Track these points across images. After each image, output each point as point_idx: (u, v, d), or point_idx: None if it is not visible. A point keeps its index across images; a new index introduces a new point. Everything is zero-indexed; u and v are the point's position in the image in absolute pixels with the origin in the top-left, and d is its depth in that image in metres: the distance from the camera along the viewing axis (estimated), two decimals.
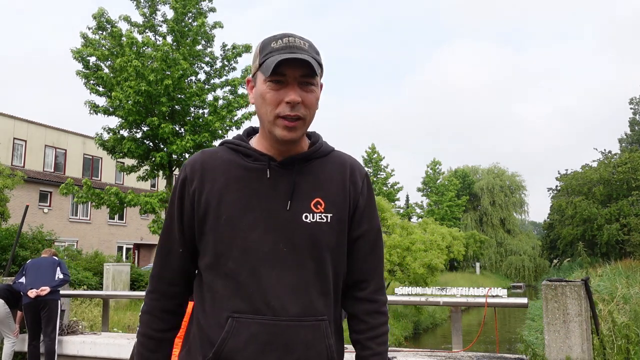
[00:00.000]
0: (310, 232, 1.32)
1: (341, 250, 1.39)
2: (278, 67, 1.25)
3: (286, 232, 1.31)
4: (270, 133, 1.32)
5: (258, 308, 1.27)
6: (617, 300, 8.52)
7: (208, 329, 1.31)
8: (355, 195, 1.42)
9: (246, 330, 1.26)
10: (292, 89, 1.28)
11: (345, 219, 1.39)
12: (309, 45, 1.33)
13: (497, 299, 5.37)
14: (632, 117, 47.73)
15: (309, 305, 1.30)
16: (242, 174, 1.35)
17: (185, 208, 1.38)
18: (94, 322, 8.69)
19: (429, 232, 21.13)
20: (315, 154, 1.40)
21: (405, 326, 15.92)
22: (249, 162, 1.36)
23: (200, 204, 1.34)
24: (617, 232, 30.28)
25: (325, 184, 1.38)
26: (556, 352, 4.57)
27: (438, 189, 43.93)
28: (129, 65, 12.70)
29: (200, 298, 1.37)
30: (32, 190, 23.80)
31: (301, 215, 1.33)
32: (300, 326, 1.28)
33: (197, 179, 1.36)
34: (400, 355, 5.01)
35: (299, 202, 1.33)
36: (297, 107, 1.29)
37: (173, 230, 1.40)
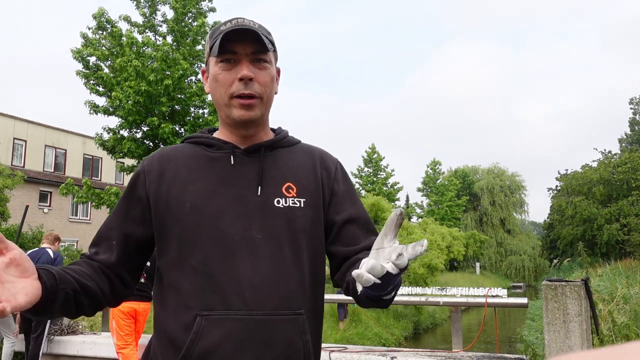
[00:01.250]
0: (284, 217, 1.23)
1: (317, 239, 1.29)
2: (226, 42, 1.21)
3: (258, 217, 1.22)
4: (228, 117, 1.27)
5: (231, 303, 1.15)
6: (617, 301, 8.52)
7: (172, 333, 1.18)
8: (329, 181, 1.34)
9: (219, 329, 1.14)
10: (243, 65, 1.23)
11: (320, 205, 1.30)
12: (259, 25, 1.28)
13: (497, 299, 5.37)
14: (632, 117, 47.75)
15: (287, 297, 1.19)
16: (206, 163, 1.28)
17: (140, 201, 1.27)
18: (94, 322, 8.69)
19: (429, 232, 21.14)
20: (280, 143, 1.34)
21: (405, 326, 15.92)
22: (212, 152, 1.30)
23: (160, 197, 1.24)
24: (617, 232, 30.29)
25: (295, 170, 1.31)
26: (556, 352, 4.57)
27: (438, 189, 43.95)
28: (129, 65, 12.71)
29: (162, 302, 1.24)
30: (32, 190, 23.81)
31: (273, 200, 1.24)
32: (279, 320, 1.17)
33: (156, 171, 1.28)
34: (400, 355, 5.01)
35: (269, 187, 1.26)
36: (251, 84, 1.23)
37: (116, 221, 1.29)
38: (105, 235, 1.29)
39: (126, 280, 1.28)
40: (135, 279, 1.31)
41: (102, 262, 1.25)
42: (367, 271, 0.93)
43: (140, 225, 1.27)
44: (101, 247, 1.28)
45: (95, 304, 1.19)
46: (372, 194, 26.65)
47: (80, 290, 1.14)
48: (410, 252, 0.93)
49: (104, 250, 1.27)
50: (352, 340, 11.48)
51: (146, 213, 1.26)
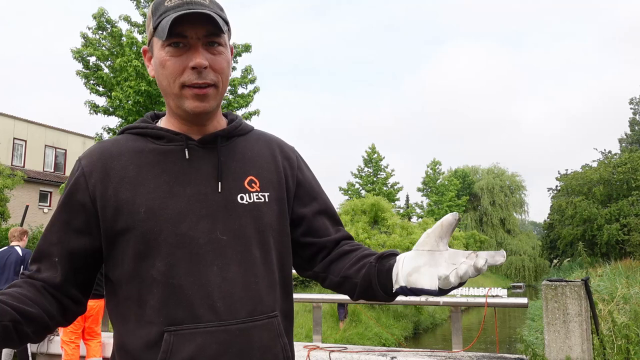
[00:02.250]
0: (250, 214, 1.13)
1: (284, 234, 1.20)
2: (174, 26, 1.04)
3: (222, 217, 1.10)
4: (179, 108, 1.12)
5: (201, 314, 1.04)
6: (617, 300, 8.52)
7: (136, 353, 1.05)
8: (292, 171, 1.26)
9: (190, 345, 1.03)
10: (196, 51, 1.08)
11: (284, 198, 1.21)
12: (209, 1, 1.12)
13: (497, 299, 5.37)
14: (632, 117, 47.76)
15: (260, 301, 1.10)
16: (156, 158, 1.12)
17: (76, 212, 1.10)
18: None
19: None
20: (236, 131, 1.21)
21: (405, 326, 15.92)
22: (162, 145, 1.14)
23: (107, 202, 1.08)
24: (617, 232, 30.28)
25: (256, 161, 1.20)
26: (556, 352, 4.57)
27: (438, 189, 43.94)
28: (129, 65, 12.71)
29: (121, 317, 1.10)
30: (32, 190, 23.81)
31: (236, 196, 1.13)
32: (253, 327, 1.08)
33: (98, 171, 1.10)
34: (400, 355, 5.01)
35: (230, 182, 1.14)
36: (205, 72, 1.08)
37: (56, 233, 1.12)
38: (46, 251, 1.11)
39: (76, 297, 1.13)
40: (87, 294, 1.16)
41: (45, 281, 1.09)
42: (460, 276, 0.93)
43: (85, 236, 1.10)
44: (43, 263, 1.10)
45: (42, 330, 1.05)
46: (372, 194, 26.65)
47: (21, 319, 0.99)
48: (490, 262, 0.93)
49: (46, 268, 1.10)
50: (352, 340, 11.48)
51: (91, 221, 1.10)
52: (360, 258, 1.18)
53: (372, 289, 1.11)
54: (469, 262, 0.93)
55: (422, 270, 0.99)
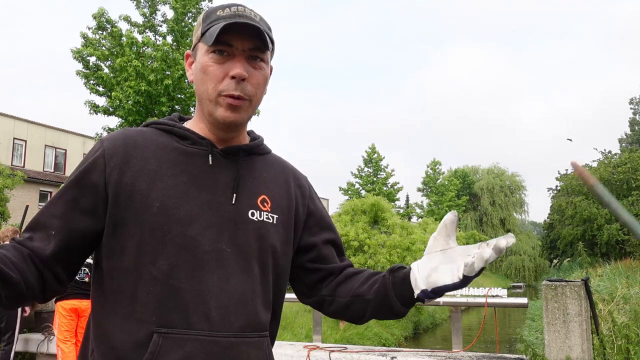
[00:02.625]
0: (256, 231, 1.13)
1: (285, 258, 1.20)
2: (223, 34, 1.07)
3: (229, 229, 1.10)
4: (210, 115, 1.12)
5: (194, 321, 1.02)
6: (617, 300, 8.52)
7: (122, 350, 1.02)
8: (304, 200, 1.27)
9: (178, 350, 1.01)
10: (238, 61, 1.09)
11: (291, 224, 1.21)
12: (260, 18, 1.14)
13: (497, 299, 5.38)
14: (632, 117, 47.78)
15: (254, 317, 1.09)
16: (178, 157, 1.12)
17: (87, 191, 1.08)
18: None
19: (429, 232, 21.14)
20: (257, 149, 1.23)
21: (405, 326, 15.92)
22: (186, 145, 1.14)
23: (121, 189, 1.07)
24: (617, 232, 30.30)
25: (270, 183, 1.21)
26: (556, 352, 4.57)
27: (438, 189, 43.94)
28: (129, 65, 12.72)
29: (108, 312, 1.07)
30: (32, 190, 23.80)
31: (247, 212, 1.13)
32: (244, 343, 1.06)
33: (119, 156, 1.09)
34: (400, 355, 5.01)
35: (244, 196, 1.14)
36: (243, 84, 1.10)
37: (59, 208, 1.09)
38: (44, 222, 1.08)
39: (60, 276, 1.08)
40: (72, 276, 1.12)
41: (34, 250, 1.05)
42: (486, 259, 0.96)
43: (90, 217, 1.08)
44: (37, 233, 1.07)
45: (16, 297, 1.00)
46: (372, 194, 26.65)
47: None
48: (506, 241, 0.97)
49: (39, 238, 1.06)
50: (352, 340, 11.48)
51: (100, 205, 1.07)
52: (369, 276, 1.20)
53: (388, 302, 1.12)
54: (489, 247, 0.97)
55: (440, 268, 1.03)
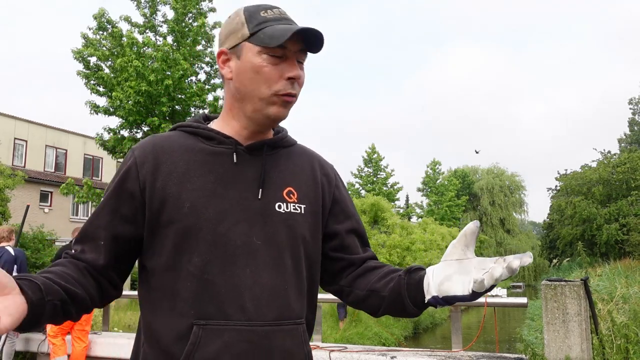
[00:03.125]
0: (285, 223, 1.17)
1: (316, 247, 1.24)
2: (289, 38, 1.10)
3: (259, 222, 1.14)
4: (258, 112, 1.16)
5: (230, 313, 1.07)
6: (616, 300, 8.54)
7: (166, 342, 1.08)
8: (330, 188, 1.30)
9: (217, 340, 1.06)
10: (293, 64, 1.14)
11: (319, 212, 1.25)
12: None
13: (496, 298, 5.39)
14: (632, 117, 47.79)
15: (287, 307, 1.13)
16: (205, 158, 1.17)
17: (125, 199, 1.14)
18: (94, 321, 8.70)
19: (429, 232, 21.15)
20: (281, 142, 1.26)
21: (405, 326, 15.93)
22: (212, 146, 1.18)
23: (155, 193, 1.12)
24: (616, 232, 30.32)
25: (296, 174, 1.24)
26: (555, 351, 4.59)
27: (438, 189, 43.94)
28: (130, 66, 12.73)
29: (152, 306, 1.14)
30: (33, 190, 23.81)
31: (274, 205, 1.17)
32: (280, 331, 1.11)
33: (150, 163, 1.15)
34: (400, 355, 5.03)
35: (270, 190, 1.18)
36: (295, 84, 1.16)
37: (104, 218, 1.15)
38: (92, 234, 1.15)
39: (115, 281, 1.18)
40: (124, 279, 1.20)
41: (89, 262, 1.13)
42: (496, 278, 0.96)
43: (131, 224, 1.15)
44: (87, 245, 1.15)
45: (83, 309, 1.10)
46: (372, 194, 26.66)
47: (68, 299, 1.04)
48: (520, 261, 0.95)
49: (90, 249, 1.14)
50: (352, 340, 11.49)
51: (138, 211, 1.14)
52: (388, 273, 1.22)
53: (401, 301, 1.15)
54: (501, 264, 0.96)
55: (453, 278, 1.03)
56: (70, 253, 1.15)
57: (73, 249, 1.16)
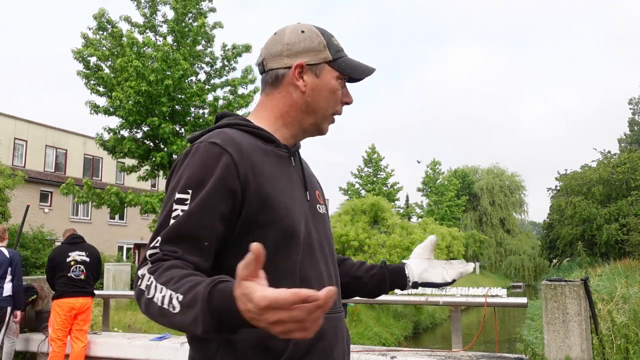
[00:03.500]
0: (325, 222, 1.33)
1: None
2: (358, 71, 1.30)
3: (315, 222, 1.27)
4: (316, 126, 1.31)
5: None
6: (616, 300, 8.54)
7: (268, 337, 1.03)
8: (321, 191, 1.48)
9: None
10: (348, 91, 1.33)
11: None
12: None
13: (496, 298, 5.39)
14: (632, 117, 47.79)
15: (339, 297, 1.32)
16: (276, 160, 1.23)
17: (226, 198, 1.10)
18: (94, 321, 8.69)
19: (429, 232, 21.14)
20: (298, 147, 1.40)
21: (405, 326, 15.94)
22: (274, 148, 1.24)
23: (255, 193, 1.13)
24: (616, 232, 30.33)
25: (313, 177, 1.40)
26: (555, 351, 4.59)
27: (438, 189, 43.94)
28: (130, 66, 12.73)
29: None
30: (33, 190, 23.82)
31: (316, 206, 1.31)
32: (340, 317, 1.29)
33: (246, 161, 1.14)
34: (400, 355, 5.03)
35: (311, 192, 1.31)
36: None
37: (207, 219, 1.09)
38: (193, 234, 1.07)
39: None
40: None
41: (196, 265, 1.05)
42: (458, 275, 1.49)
43: (226, 222, 1.12)
44: (185, 246, 1.06)
45: None
46: (372, 194, 26.66)
47: None
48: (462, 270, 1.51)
49: (192, 251, 1.07)
50: (351, 339, 11.47)
51: (235, 209, 1.12)
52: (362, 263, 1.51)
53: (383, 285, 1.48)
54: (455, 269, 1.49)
55: (429, 270, 1.48)
56: (175, 254, 1.04)
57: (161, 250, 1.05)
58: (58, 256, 5.89)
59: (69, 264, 5.80)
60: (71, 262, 5.81)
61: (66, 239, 6.08)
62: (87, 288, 5.90)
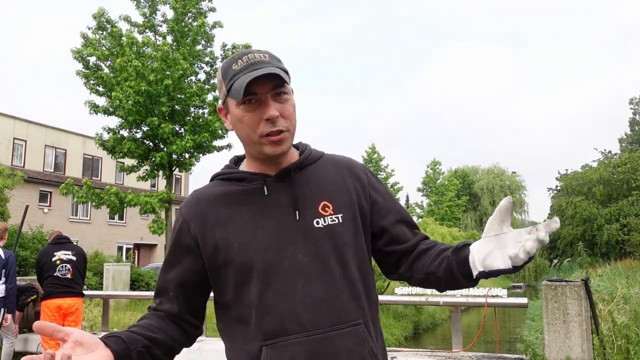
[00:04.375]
0: (326, 236, 1.27)
1: (361, 249, 1.33)
2: (247, 88, 1.21)
3: (301, 241, 1.25)
4: (260, 153, 1.28)
5: (290, 328, 1.19)
6: (617, 300, 8.53)
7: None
8: (364, 190, 1.38)
9: (284, 355, 1.18)
10: (267, 105, 1.24)
11: (357, 216, 1.33)
12: (269, 55, 1.29)
13: (497, 299, 5.38)
14: (632, 117, 47.81)
15: (342, 312, 1.24)
16: (241, 198, 1.30)
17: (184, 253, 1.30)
18: (94, 322, 8.70)
19: (429, 232, 21.14)
20: (307, 161, 1.36)
21: (405, 326, 15.92)
22: (245, 185, 1.31)
23: (207, 241, 1.27)
24: (617, 232, 30.29)
25: (328, 186, 1.34)
26: (556, 352, 4.57)
27: (438, 189, 43.94)
28: (129, 65, 12.72)
29: (229, 337, 1.30)
30: (32, 190, 23.81)
31: (312, 222, 1.27)
32: (338, 335, 1.21)
33: (196, 218, 1.30)
34: (400, 355, 5.01)
35: (306, 209, 1.28)
36: (278, 121, 1.24)
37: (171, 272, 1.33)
38: (163, 288, 1.34)
39: (193, 322, 1.35)
40: (201, 318, 1.38)
41: (166, 312, 1.31)
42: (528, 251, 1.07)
43: (194, 272, 1.30)
44: (162, 298, 1.33)
45: (169, 351, 1.27)
46: None
47: (151, 344, 1.21)
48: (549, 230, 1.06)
49: (165, 301, 1.32)
50: None
51: (197, 259, 1.29)
52: (439, 253, 1.31)
53: (456, 279, 1.25)
54: (532, 237, 1.07)
55: (493, 253, 1.13)
56: (152, 307, 1.34)
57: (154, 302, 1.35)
58: (44, 257, 5.90)
59: (55, 263, 5.81)
60: (57, 261, 5.82)
61: (51, 240, 6.11)
62: (75, 288, 5.88)
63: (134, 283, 14.39)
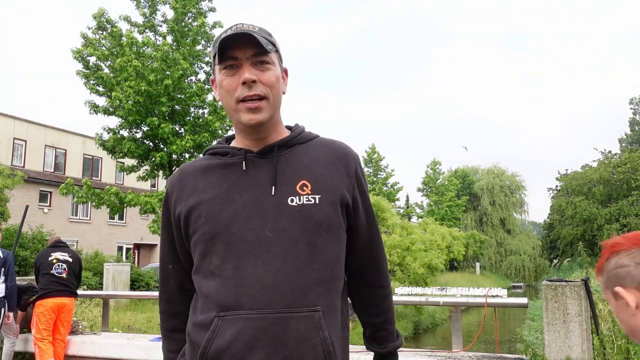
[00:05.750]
0: (298, 214, 1.24)
1: (335, 234, 1.28)
2: (225, 48, 1.23)
3: (271, 217, 1.23)
4: (239, 122, 1.29)
5: (243, 303, 1.18)
6: None
7: (194, 334, 1.26)
8: (350, 181, 1.34)
9: (232, 328, 1.18)
10: (245, 68, 1.25)
11: (336, 201, 1.29)
12: (259, 28, 1.29)
13: (497, 299, 5.37)
14: (632, 117, 47.78)
15: (301, 295, 1.20)
16: (220, 171, 1.32)
17: (171, 222, 1.37)
18: (93, 322, 8.68)
19: (429, 232, 21.15)
20: (295, 140, 1.35)
21: (405, 326, 15.91)
22: (226, 160, 1.33)
23: (182, 211, 1.31)
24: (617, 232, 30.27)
25: (311, 167, 1.31)
26: (556, 352, 4.58)
27: (438, 189, 43.93)
28: (129, 65, 12.71)
29: (193, 307, 1.33)
30: (32, 190, 23.80)
31: (287, 199, 1.25)
32: (291, 318, 1.18)
33: (177, 189, 1.35)
34: (400, 355, 5.00)
35: (283, 186, 1.27)
36: (255, 86, 1.24)
37: (164, 247, 1.42)
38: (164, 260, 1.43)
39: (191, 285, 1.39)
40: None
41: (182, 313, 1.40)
42: None
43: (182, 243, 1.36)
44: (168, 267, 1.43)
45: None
46: (372, 194, 26.66)
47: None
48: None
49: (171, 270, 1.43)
50: (352, 340, 11.41)
51: (180, 231, 1.35)
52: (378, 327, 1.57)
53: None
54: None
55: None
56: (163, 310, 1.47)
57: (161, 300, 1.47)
58: (42, 257, 6.10)
59: (51, 261, 5.97)
60: (53, 260, 5.99)
61: (50, 244, 6.34)
62: (70, 287, 6.02)
63: (134, 283, 14.38)
